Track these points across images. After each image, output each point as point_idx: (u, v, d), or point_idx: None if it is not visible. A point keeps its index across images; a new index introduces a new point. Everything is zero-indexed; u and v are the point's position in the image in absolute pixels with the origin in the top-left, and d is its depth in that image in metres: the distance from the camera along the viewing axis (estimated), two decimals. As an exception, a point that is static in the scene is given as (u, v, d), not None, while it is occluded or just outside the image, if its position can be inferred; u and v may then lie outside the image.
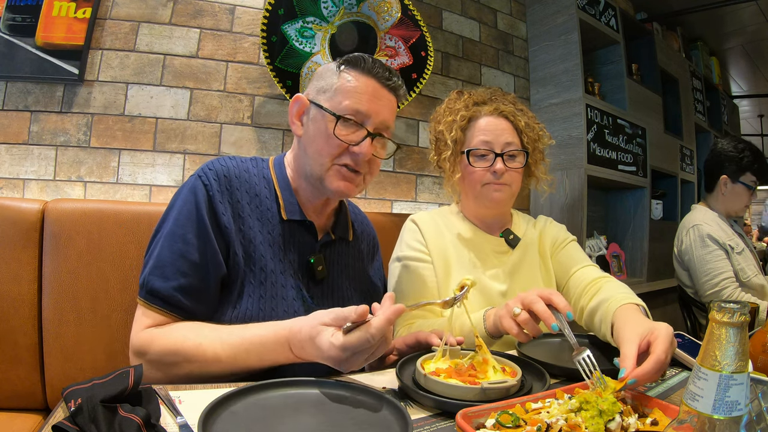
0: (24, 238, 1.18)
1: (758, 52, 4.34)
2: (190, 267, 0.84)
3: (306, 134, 0.96)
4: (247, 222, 0.91)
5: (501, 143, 1.18)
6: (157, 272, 0.84)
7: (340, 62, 0.97)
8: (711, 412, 0.36)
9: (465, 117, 1.21)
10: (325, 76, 0.97)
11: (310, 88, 1.00)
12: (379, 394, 0.65)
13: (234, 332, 0.80)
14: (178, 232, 0.86)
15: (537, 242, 1.28)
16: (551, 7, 2.67)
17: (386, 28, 1.97)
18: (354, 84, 0.94)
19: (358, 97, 0.93)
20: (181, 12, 1.78)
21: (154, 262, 0.85)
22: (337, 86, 0.94)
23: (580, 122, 2.54)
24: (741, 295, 1.86)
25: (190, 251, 0.85)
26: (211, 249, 0.86)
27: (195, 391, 0.70)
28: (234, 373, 0.79)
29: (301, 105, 0.98)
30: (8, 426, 1.09)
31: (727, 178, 2.00)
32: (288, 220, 0.95)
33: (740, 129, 5.15)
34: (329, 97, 0.94)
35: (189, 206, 0.88)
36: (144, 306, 0.85)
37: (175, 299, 0.83)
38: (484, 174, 1.18)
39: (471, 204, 1.26)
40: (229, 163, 0.95)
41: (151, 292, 0.84)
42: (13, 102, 1.57)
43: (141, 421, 0.52)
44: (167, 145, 1.74)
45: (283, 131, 1.94)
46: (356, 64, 0.95)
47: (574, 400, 0.60)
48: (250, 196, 0.94)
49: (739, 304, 0.36)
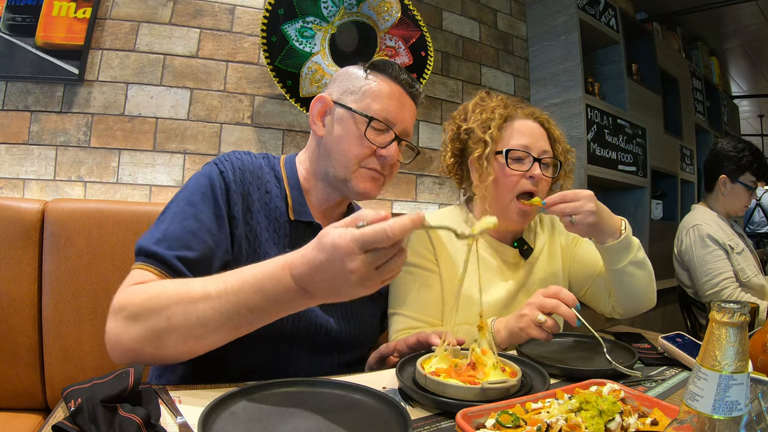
0: (24, 238, 1.18)
1: (758, 52, 4.34)
2: (198, 244, 0.79)
3: (330, 135, 0.96)
4: (255, 217, 0.90)
5: (538, 149, 1.11)
6: (164, 244, 0.77)
7: (367, 66, 0.98)
8: (711, 412, 0.36)
9: (503, 116, 1.13)
10: (351, 79, 0.98)
11: (333, 89, 0.99)
12: (379, 394, 0.65)
13: (225, 273, 0.69)
14: (190, 210, 0.82)
15: (548, 246, 1.23)
16: (551, 7, 2.67)
17: (386, 28, 1.97)
18: (382, 89, 0.95)
19: (386, 102, 0.95)
20: (181, 12, 1.78)
21: (160, 235, 0.79)
22: (366, 89, 0.95)
23: (580, 122, 2.54)
24: (741, 295, 1.86)
25: (201, 230, 0.81)
26: (223, 234, 0.84)
27: (195, 391, 0.70)
28: (229, 319, 0.65)
29: (324, 105, 0.98)
30: (8, 426, 1.09)
31: (726, 178, 2.00)
32: (295, 220, 0.94)
33: (740, 129, 5.14)
34: (357, 99, 0.95)
35: (205, 189, 0.85)
36: (138, 268, 0.76)
37: (177, 266, 0.76)
38: (520, 179, 1.09)
39: (498, 212, 1.11)
40: (244, 157, 0.94)
41: (151, 256, 0.76)
42: (13, 102, 1.57)
43: (141, 421, 0.52)
44: (167, 145, 1.74)
45: (283, 131, 1.94)
46: (384, 69, 0.97)
47: (574, 400, 0.60)
48: (260, 192, 0.93)
49: (739, 304, 0.36)
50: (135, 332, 0.67)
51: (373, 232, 0.57)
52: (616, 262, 1.05)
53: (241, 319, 0.66)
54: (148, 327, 0.67)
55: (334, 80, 1.02)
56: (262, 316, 0.66)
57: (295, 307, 0.66)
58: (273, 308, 0.66)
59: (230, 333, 0.68)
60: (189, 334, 0.66)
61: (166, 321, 0.66)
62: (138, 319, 0.67)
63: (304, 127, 1.97)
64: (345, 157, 0.93)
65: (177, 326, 0.66)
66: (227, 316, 0.65)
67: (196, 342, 0.67)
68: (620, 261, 1.05)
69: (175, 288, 0.68)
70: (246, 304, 0.65)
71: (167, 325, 0.66)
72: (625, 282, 1.07)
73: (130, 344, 0.68)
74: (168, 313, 0.66)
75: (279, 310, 0.66)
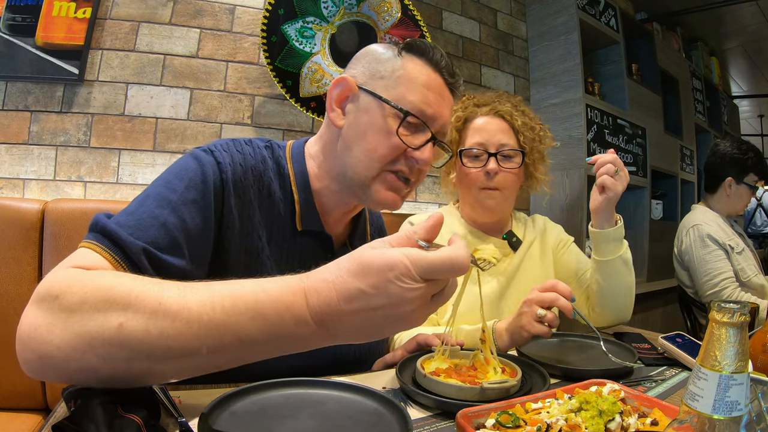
0: (24, 238, 1.18)
1: (758, 52, 4.34)
2: (169, 244, 0.62)
3: (352, 126, 0.78)
4: (255, 228, 0.75)
5: (495, 143, 1.17)
6: (127, 230, 0.59)
7: (402, 46, 0.80)
8: (711, 412, 0.36)
9: (461, 118, 1.21)
10: (380, 60, 0.80)
11: (358, 70, 0.81)
12: (379, 394, 0.65)
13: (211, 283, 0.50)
14: (169, 197, 0.64)
15: (538, 243, 1.28)
16: (551, 7, 2.67)
17: (386, 28, 1.97)
18: (420, 76, 0.78)
19: (424, 93, 0.77)
20: (181, 12, 1.78)
21: (124, 218, 0.61)
22: (400, 74, 0.78)
23: (580, 122, 2.54)
24: (741, 295, 1.86)
25: (175, 226, 0.63)
26: (203, 243, 0.67)
27: (195, 391, 0.70)
28: (203, 346, 0.47)
29: (345, 88, 0.80)
30: (8, 426, 1.09)
31: (732, 180, 2.00)
32: (302, 231, 0.80)
33: (740, 129, 5.14)
34: (388, 85, 0.77)
35: (194, 176, 0.68)
36: (87, 247, 0.58)
37: (140, 261, 0.58)
38: (478, 175, 1.17)
39: (468, 208, 1.26)
40: (245, 148, 0.77)
41: (108, 236, 0.58)
42: (13, 102, 1.57)
43: (141, 421, 0.52)
44: (167, 145, 1.74)
45: (283, 131, 1.94)
46: (423, 52, 0.79)
47: (574, 400, 0.60)
48: (262, 195, 0.77)
49: (739, 304, 0.36)
50: (67, 332, 0.46)
51: (441, 263, 0.46)
52: (608, 253, 1.11)
53: (223, 350, 0.47)
54: (87, 329, 0.46)
55: (358, 59, 0.84)
56: (252, 351, 0.49)
57: (300, 346, 0.50)
58: (270, 343, 0.49)
59: (199, 366, 0.49)
60: (143, 353, 0.47)
61: (115, 328, 0.46)
62: (75, 314, 0.47)
63: (304, 127, 1.97)
64: (369, 157, 0.77)
65: (129, 339, 0.46)
66: (203, 341, 0.46)
67: (150, 366, 0.48)
68: (612, 252, 1.11)
69: (139, 286, 0.48)
70: (236, 330, 0.47)
71: (115, 334, 0.46)
72: (611, 277, 1.12)
73: (51, 348, 0.47)
74: (121, 319, 0.46)
75: (277, 347, 0.50)
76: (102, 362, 0.47)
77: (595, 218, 1.13)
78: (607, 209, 1.10)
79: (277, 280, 0.49)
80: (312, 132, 1.99)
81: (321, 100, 1.86)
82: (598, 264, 1.13)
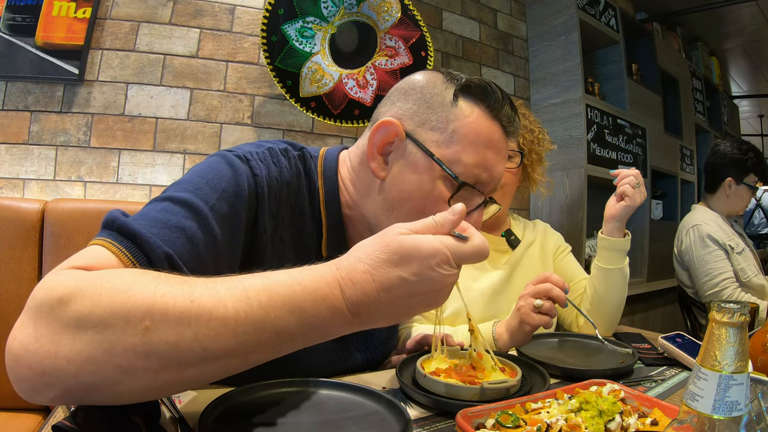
0: (24, 238, 1.18)
1: (758, 52, 4.34)
2: (194, 259, 0.56)
3: (395, 183, 0.69)
4: (286, 250, 0.69)
5: None
6: (152, 232, 0.53)
7: (459, 87, 0.69)
8: (711, 412, 0.36)
9: None
10: (432, 104, 0.69)
11: (404, 111, 0.70)
12: (379, 394, 0.65)
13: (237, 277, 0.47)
14: (199, 208, 0.58)
15: (539, 244, 1.31)
16: (551, 7, 2.67)
17: (386, 28, 1.97)
18: (480, 130, 0.68)
19: (482, 154, 0.68)
20: (181, 12, 1.78)
21: (146, 221, 0.55)
22: (456, 127, 0.68)
23: (580, 122, 2.54)
24: (741, 295, 1.86)
25: (203, 242, 0.57)
26: (230, 262, 0.62)
27: (195, 391, 0.70)
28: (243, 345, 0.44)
29: (389, 134, 0.69)
30: (8, 426, 1.09)
31: (732, 180, 2.00)
32: (328, 256, 0.70)
33: (740, 129, 5.14)
34: (441, 141, 0.68)
35: (227, 187, 0.62)
36: (98, 244, 0.51)
37: (162, 265, 0.51)
38: None
39: None
40: (282, 160, 0.70)
41: (127, 235, 0.52)
42: (13, 102, 1.57)
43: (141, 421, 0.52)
44: (167, 145, 1.74)
45: (283, 131, 1.94)
46: (483, 97, 0.69)
47: (574, 400, 0.60)
48: (294, 213, 0.71)
49: (739, 304, 0.36)
50: (78, 341, 0.40)
51: (473, 251, 0.50)
52: (611, 262, 1.14)
53: (260, 347, 0.45)
54: (104, 336, 0.40)
55: (405, 95, 0.72)
56: (286, 345, 0.47)
57: (330, 335, 0.49)
58: (304, 336, 0.48)
59: (229, 367, 0.46)
60: (173, 360, 0.41)
61: (140, 333, 0.40)
62: (87, 319, 0.40)
63: (304, 127, 1.97)
64: (411, 217, 0.63)
65: (157, 344, 0.41)
66: (243, 339, 0.43)
67: (179, 374, 0.43)
68: (615, 262, 1.14)
69: (164, 283, 0.43)
70: (274, 326, 0.45)
71: (140, 340, 0.40)
72: (608, 285, 1.15)
73: (58, 362, 0.39)
74: (146, 322, 0.40)
75: (308, 339, 0.48)
76: (122, 375, 0.40)
77: (607, 225, 1.15)
78: (623, 217, 1.13)
79: (307, 271, 0.48)
80: (312, 132, 1.99)
81: (321, 100, 1.86)
82: (600, 270, 1.15)
